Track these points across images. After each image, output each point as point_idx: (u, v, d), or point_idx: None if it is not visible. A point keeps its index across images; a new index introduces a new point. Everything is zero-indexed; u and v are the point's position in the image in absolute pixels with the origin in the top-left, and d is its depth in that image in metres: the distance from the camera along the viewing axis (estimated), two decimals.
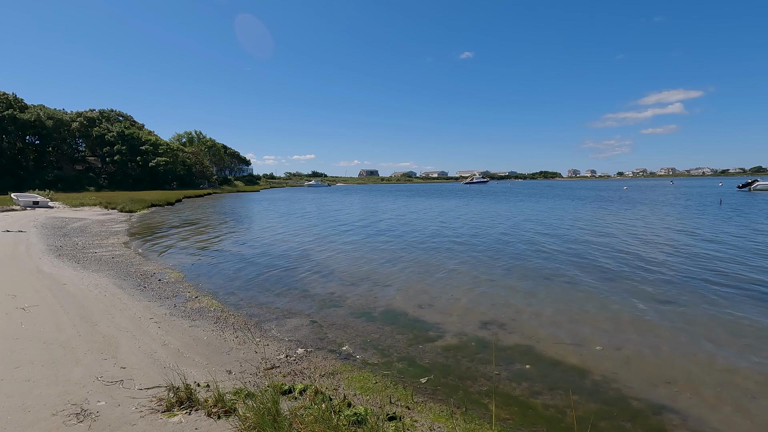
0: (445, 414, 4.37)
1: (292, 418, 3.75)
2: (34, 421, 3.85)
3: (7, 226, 19.69)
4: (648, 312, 7.79)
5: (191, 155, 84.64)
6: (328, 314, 7.86)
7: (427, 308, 8.21)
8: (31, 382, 4.64)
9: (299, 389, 4.60)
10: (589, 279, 10.30)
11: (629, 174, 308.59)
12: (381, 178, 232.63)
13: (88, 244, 15.49)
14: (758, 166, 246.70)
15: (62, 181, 59.70)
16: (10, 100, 60.45)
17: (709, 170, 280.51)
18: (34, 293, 8.45)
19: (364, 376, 5.28)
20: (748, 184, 56.25)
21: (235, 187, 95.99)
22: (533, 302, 8.51)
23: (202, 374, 5.12)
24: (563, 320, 7.44)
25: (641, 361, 5.78)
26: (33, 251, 13.38)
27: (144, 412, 4.05)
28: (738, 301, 8.32)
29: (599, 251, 13.94)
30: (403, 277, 10.82)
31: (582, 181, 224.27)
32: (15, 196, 33.34)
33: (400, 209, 35.42)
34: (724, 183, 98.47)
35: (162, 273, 11.05)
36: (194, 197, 57.13)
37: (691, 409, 4.60)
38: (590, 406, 4.67)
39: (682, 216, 25.49)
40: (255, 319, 7.53)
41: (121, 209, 31.51)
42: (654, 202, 39.03)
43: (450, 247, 15.21)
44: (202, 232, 20.74)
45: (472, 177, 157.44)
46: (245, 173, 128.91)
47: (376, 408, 4.30)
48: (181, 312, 7.75)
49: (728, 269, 11.02)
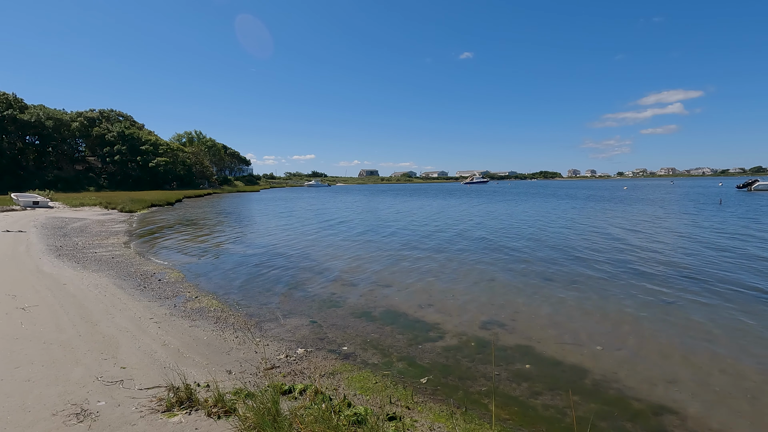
0: (445, 414, 4.37)
1: (292, 418, 3.75)
2: (34, 421, 3.85)
3: (7, 226, 19.69)
4: (648, 312, 7.79)
5: (191, 155, 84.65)
6: (328, 314, 7.86)
7: (427, 308, 8.21)
8: (31, 382, 4.64)
9: (299, 389, 4.60)
10: (590, 279, 10.30)
11: (629, 174, 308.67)
12: (381, 178, 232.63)
13: (88, 244, 15.49)
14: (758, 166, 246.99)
15: (62, 181, 59.72)
16: (10, 100, 60.46)
17: (709, 170, 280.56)
18: (34, 293, 8.45)
19: (364, 376, 5.28)
20: (748, 184, 56.18)
21: (235, 187, 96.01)
22: (533, 302, 8.51)
23: (202, 374, 5.12)
24: (563, 320, 7.44)
25: (641, 361, 5.78)
26: (33, 251, 13.38)
27: (144, 412, 4.05)
28: (738, 301, 8.31)
29: (599, 251, 13.94)
30: (403, 276, 10.81)
31: (582, 181, 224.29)
32: (15, 196, 33.35)
33: (400, 209, 35.42)
34: (724, 183, 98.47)
35: (162, 273, 11.05)
36: (194, 197, 57.14)
37: (691, 410, 4.60)
38: (590, 406, 4.67)
39: (683, 216, 25.49)
40: (255, 319, 7.53)
41: (121, 209, 31.52)
42: (654, 202, 39.02)
43: (450, 247, 15.21)
44: (202, 232, 20.74)
45: (472, 177, 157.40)
46: (245, 173, 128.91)
47: (376, 408, 4.30)
48: (181, 312, 7.75)
49: (728, 269, 11.01)
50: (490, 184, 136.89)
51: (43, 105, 67.65)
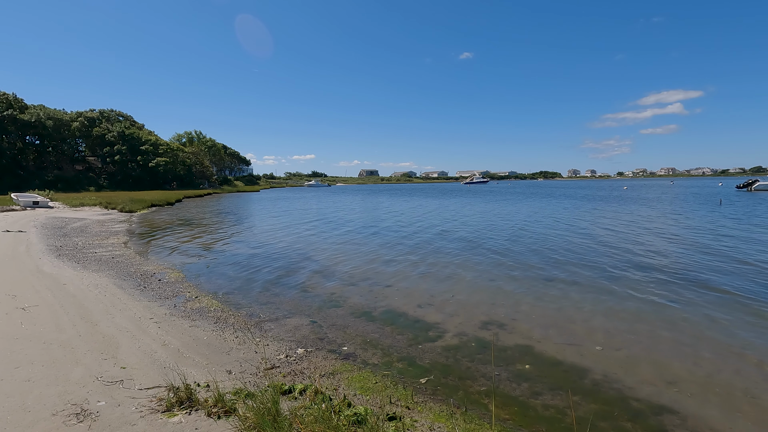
0: (445, 414, 4.37)
1: (292, 418, 3.75)
2: (34, 421, 3.85)
3: (7, 226, 19.69)
4: (648, 312, 7.79)
5: (191, 155, 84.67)
6: (328, 314, 7.86)
7: (427, 308, 8.21)
8: (31, 382, 4.64)
9: (299, 389, 4.60)
10: (589, 279, 10.30)
11: (629, 174, 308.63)
12: (381, 178, 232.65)
13: (88, 244, 15.49)
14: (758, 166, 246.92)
15: (62, 181, 59.74)
16: (10, 100, 60.47)
17: (709, 170, 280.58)
18: (34, 293, 8.45)
19: (364, 376, 5.28)
20: (749, 184, 56.12)
21: (235, 187, 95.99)
22: (533, 302, 8.51)
23: (202, 374, 5.12)
24: (563, 320, 7.44)
25: (641, 361, 5.78)
26: (33, 251, 13.38)
27: (144, 412, 4.05)
28: (738, 302, 8.32)
29: (599, 251, 13.94)
30: (403, 276, 10.82)
31: (582, 181, 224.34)
32: (15, 196, 33.35)
33: (400, 209, 35.42)
34: (724, 183, 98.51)
35: (162, 273, 11.05)
36: (194, 197, 57.14)
37: (691, 409, 4.60)
38: (590, 406, 4.67)
39: (682, 216, 25.48)
40: (255, 319, 7.53)
41: (121, 209, 31.52)
42: (654, 202, 39.03)
43: (450, 247, 15.21)
44: (202, 232, 20.74)
45: (472, 177, 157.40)
46: (245, 173, 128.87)
47: (376, 408, 4.30)
48: (181, 312, 7.75)
49: (728, 270, 11.01)
50: (490, 184, 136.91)
51: (43, 105, 67.73)
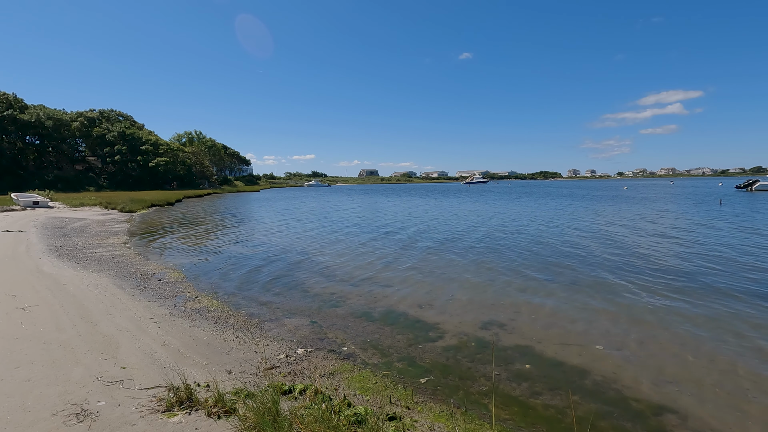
0: (445, 414, 4.37)
1: (292, 418, 3.75)
2: (34, 421, 3.85)
3: (7, 226, 19.69)
4: (648, 312, 7.79)
5: (191, 155, 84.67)
6: (328, 314, 7.86)
7: (427, 308, 8.21)
8: (31, 382, 4.64)
9: (299, 389, 4.60)
10: (589, 279, 10.30)
11: (629, 174, 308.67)
12: (381, 178, 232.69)
13: (88, 244, 15.49)
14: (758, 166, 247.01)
15: (62, 181, 59.71)
16: (10, 101, 60.44)
17: (709, 170, 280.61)
18: (34, 293, 8.45)
19: (364, 376, 5.27)
20: (749, 184, 56.07)
21: (235, 187, 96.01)
22: (533, 302, 8.51)
23: (202, 374, 5.12)
24: (563, 320, 7.44)
25: (641, 361, 5.78)
26: (33, 251, 13.38)
27: (144, 412, 4.05)
28: (738, 301, 8.32)
29: (599, 251, 13.94)
30: (403, 276, 10.82)
31: (582, 181, 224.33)
32: (15, 196, 33.34)
33: (400, 209, 35.42)
34: (724, 183, 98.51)
35: (162, 273, 11.05)
36: (194, 197, 57.15)
37: (691, 409, 4.60)
38: (590, 406, 4.67)
39: (682, 216, 25.49)
40: (255, 319, 7.53)
41: (121, 209, 31.51)
42: (654, 202, 39.03)
43: (449, 247, 15.20)
44: (203, 232, 20.74)
45: (472, 177, 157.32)
46: (245, 173, 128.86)
47: (376, 408, 4.30)
48: (181, 312, 7.75)
49: (728, 270, 11.01)
50: (490, 184, 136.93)
51: (43, 105, 67.67)
